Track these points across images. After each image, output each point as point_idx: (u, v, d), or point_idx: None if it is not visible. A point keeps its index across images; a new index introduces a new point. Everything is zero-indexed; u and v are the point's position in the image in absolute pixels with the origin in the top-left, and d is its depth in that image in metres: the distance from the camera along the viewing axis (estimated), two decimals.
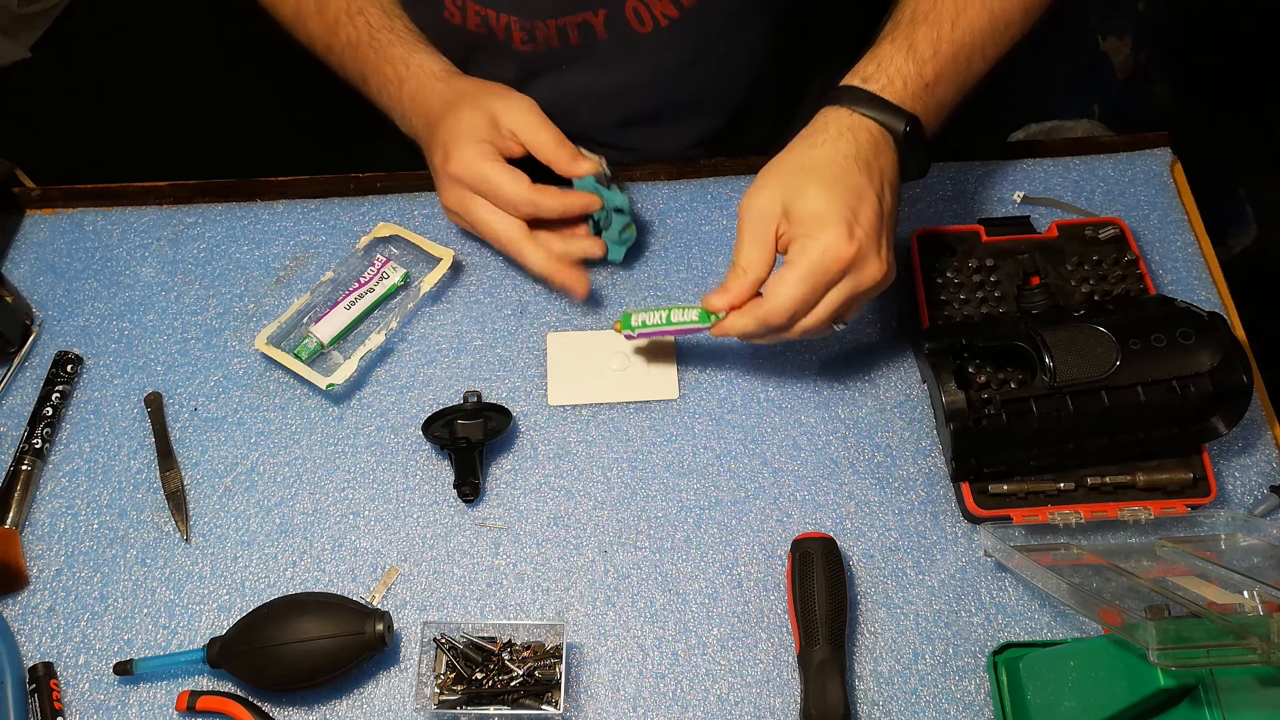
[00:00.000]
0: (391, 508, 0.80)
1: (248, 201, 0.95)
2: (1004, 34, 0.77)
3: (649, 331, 0.79)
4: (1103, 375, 0.72)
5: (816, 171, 0.70)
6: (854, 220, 0.69)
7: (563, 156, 0.82)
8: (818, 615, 0.71)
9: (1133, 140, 0.97)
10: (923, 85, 0.74)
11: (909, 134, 0.72)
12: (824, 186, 0.69)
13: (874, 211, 0.70)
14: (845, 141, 0.71)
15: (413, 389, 0.85)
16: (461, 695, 0.71)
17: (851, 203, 0.69)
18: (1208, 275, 0.89)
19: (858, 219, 0.69)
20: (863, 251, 0.69)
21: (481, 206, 0.83)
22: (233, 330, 0.88)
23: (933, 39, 0.74)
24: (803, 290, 0.70)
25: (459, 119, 0.82)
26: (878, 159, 0.71)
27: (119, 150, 1.83)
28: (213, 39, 2.11)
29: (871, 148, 0.71)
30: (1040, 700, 0.67)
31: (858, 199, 0.69)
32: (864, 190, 0.70)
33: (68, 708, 0.73)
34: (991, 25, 0.76)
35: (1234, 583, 0.64)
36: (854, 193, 0.69)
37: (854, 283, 0.71)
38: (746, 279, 0.72)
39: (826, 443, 0.82)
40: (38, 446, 0.81)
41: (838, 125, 0.72)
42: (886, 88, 0.73)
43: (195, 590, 0.77)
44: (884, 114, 0.72)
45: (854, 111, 0.72)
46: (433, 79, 0.85)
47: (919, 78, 0.73)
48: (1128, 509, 0.75)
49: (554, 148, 0.82)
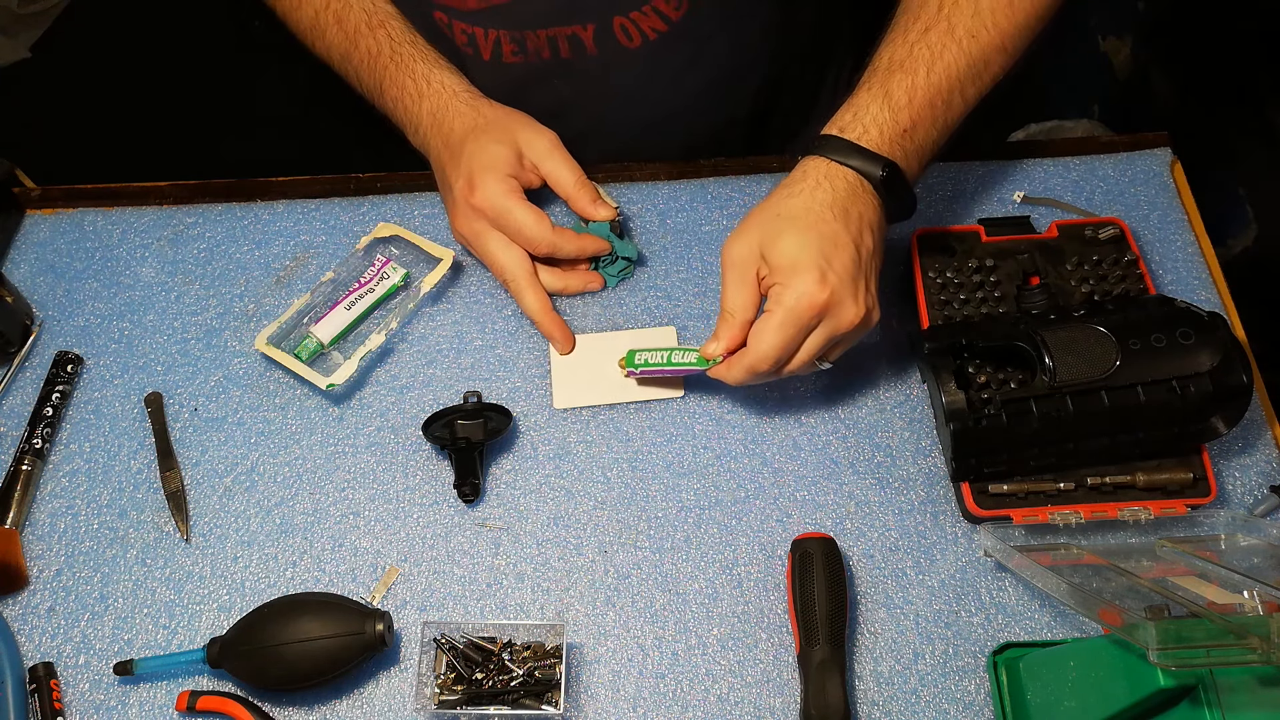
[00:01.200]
0: (391, 508, 0.80)
1: (248, 201, 0.95)
2: (983, 73, 0.78)
3: (650, 370, 0.81)
4: (1103, 375, 0.72)
5: (792, 220, 0.72)
6: (827, 266, 0.70)
7: (584, 197, 0.84)
8: (818, 615, 0.71)
9: (1133, 140, 0.97)
10: (900, 132, 0.75)
11: (886, 179, 0.74)
12: (798, 234, 0.71)
13: (850, 257, 0.71)
14: (822, 190, 0.73)
15: (413, 389, 0.85)
16: (461, 695, 0.71)
17: (825, 249, 0.71)
18: (1208, 275, 0.89)
19: (831, 265, 0.71)
20: (836, 296, 0.71)
21: (495, 239, 0.84)
22: (233, 330, 0.88)
23: (908, 86, 0.75)
24: (782, 337, 0.72)
25: (483, 148, 0.82)
26: (855, 205, 0.73)
27: (119, 150, 1.83)
28: (213, 39, 2.11)
29: (848, 194, 0.73)
30: (1040, 700, 0.67)
31: (832, 246, 0.71)
32: (839, 237, 0.71)
33: (68, 708, 0.73)
34: (969, 67, 0.76)
35: (1234, 583, 0.64)
36: (828, 240, 0.71)
37: (831, 326, 0.72)
38: (735, 321, 0.75)
39: (826, 443, 0.82)
40: (38, 446, 0.81)
41: (815, 174, 0.74)
42: (863, 136, 0.74)
43: (195, 590, 0.77)
44: (861, 161, 0.74)
45: (831, 160, 0.74)
46: (454, 98, 0.85)
47: (895, 125, 0.75)
48: (1128, 509, 0.75)
49: (576, 187, 0.84)
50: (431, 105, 0.85)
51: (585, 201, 0.84)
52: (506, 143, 0.83)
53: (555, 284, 0.87)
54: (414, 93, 0.85)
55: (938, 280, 0.84)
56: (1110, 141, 0.97)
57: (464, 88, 0.86)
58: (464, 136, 0.83)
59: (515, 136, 0.84)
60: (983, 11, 0.76)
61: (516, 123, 0.85)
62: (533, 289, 0.84)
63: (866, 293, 0.73)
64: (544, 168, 0.84)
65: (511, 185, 0.82)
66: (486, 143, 0.83)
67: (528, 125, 0.85)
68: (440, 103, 0.85)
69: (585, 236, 0.85)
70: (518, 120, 0.85)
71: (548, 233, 0.83)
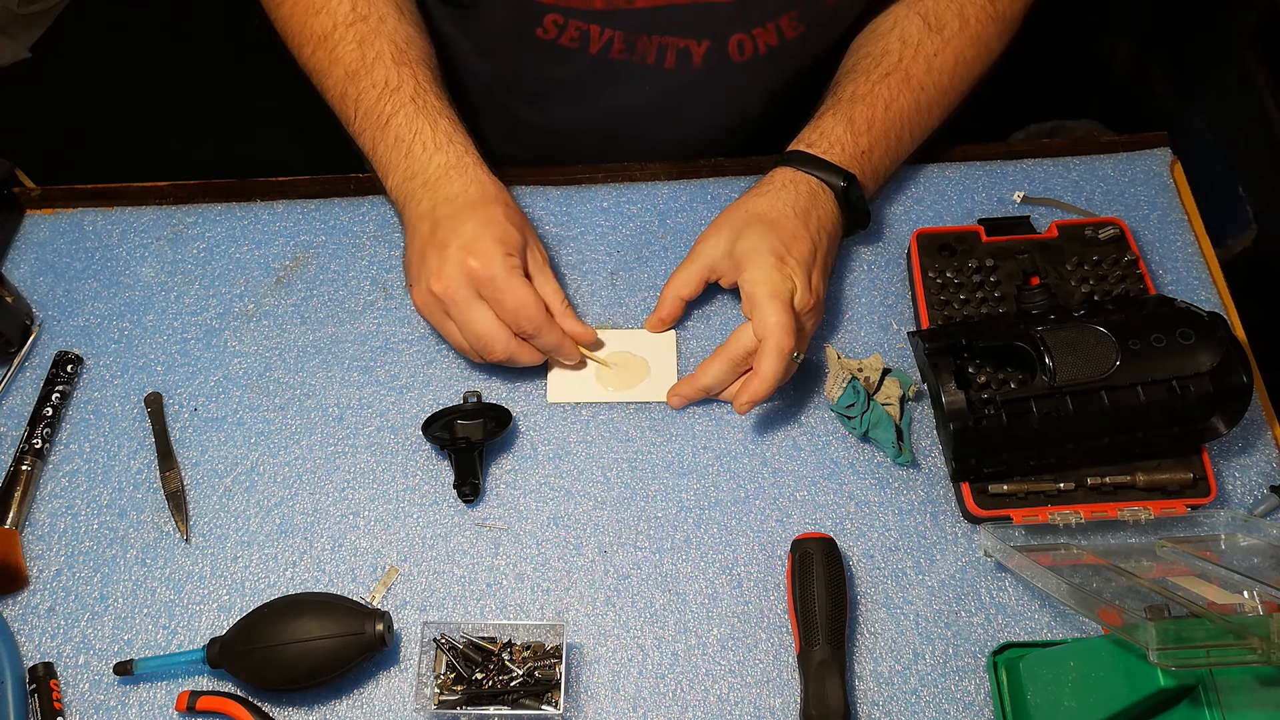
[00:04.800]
0: (391, 508, 0.80)
1: (248, 201, 0.95)
2: (928, 117, 0.90)
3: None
4: (1103, 375, 0.72)
5: (757, 216, 0.81)
6: (786, 253, 0.79)
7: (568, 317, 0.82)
8: (818, 615, 0.71)
9: (1133, 140, 0.97)
10: (859, 152, 0.85)
11: (846, 189, 0.83)
12: (762, 228, 0.80)
13: (807, 249, 0.80)
14: (787, 193, 0.83)
15: (413, 389, 0.85)
16: (461, 695, 0.71)
17: (785, 239, 0.80)
18: (1208, 275, 0.89)
19: (790, 251, 0.79)
20: (794, 279, 0.78)
21: (480, 308, 0.78)
22: (233, 330, 0.88)
23: (868, 117, 0.86)
24: (778, 306, 0.77)
25: (498, 222, 0.79)
26: (815, 209, 0.82)
27: (119, 150, 1.83)
28: (213, 39, 2.11)
29: (810, 199, 0.83)
30: (1040, 700, 0.67)
31: (791, 238, 0.80)
32: (798, 232, 0.81)
33: (68, 708, 0.73)
34: (917, 111, 0.88)
35: (1234, 583, 0.64)
36: (788, 233, 0.80)
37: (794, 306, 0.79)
38: (670, 296, 0.84)
39: (826, 443, 0.82)
40: (38, 446, 0.81)
41: (782, 180, 0.84)
42: (828, 151, 0.84)
43: (195, 590, 0.77)
44: (824, 172, 0.84)
45: (798, 170, 0.84)
46: (478, 165, 0.82)
47: (855, 146, 0.85)
48: (1128, 509, 0.75)
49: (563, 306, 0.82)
50: (445, 160, 0.81)
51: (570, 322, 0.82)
52: (519, 229, 0.81)
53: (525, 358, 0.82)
54: (430, 144, 0.81)
55: (938, 280, 0.84)
56: (1110, 141, 0.97)
57: (481, 158, 0.83)
58: (477, 203, 0.80)
59: (525, 231, 0.82)
60: (932, 71, 0.88)
61: (525, 220, 0.84)
62: (525, 351, 0.80)
63: (819, 282, 0.81)
64: (538, 278, 0.81)
65: (515, 263, 0.79)
66: (501, 219, 0.79)
67: (532, 229, 0.84)
68: (456, 160, 0.81)
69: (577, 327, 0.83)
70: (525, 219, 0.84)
71: (542, 316, 0.79)
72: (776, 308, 0.76)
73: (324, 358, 0.86)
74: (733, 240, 0.81)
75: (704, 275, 0.83)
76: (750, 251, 0.79)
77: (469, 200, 0.80)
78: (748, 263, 0.79)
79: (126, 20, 2.11)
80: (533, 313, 0.78)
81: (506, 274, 0.77)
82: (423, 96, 0.83)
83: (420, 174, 0.81)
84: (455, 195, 0.80)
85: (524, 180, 0.95)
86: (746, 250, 0.79)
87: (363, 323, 0.88)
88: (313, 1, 0.86)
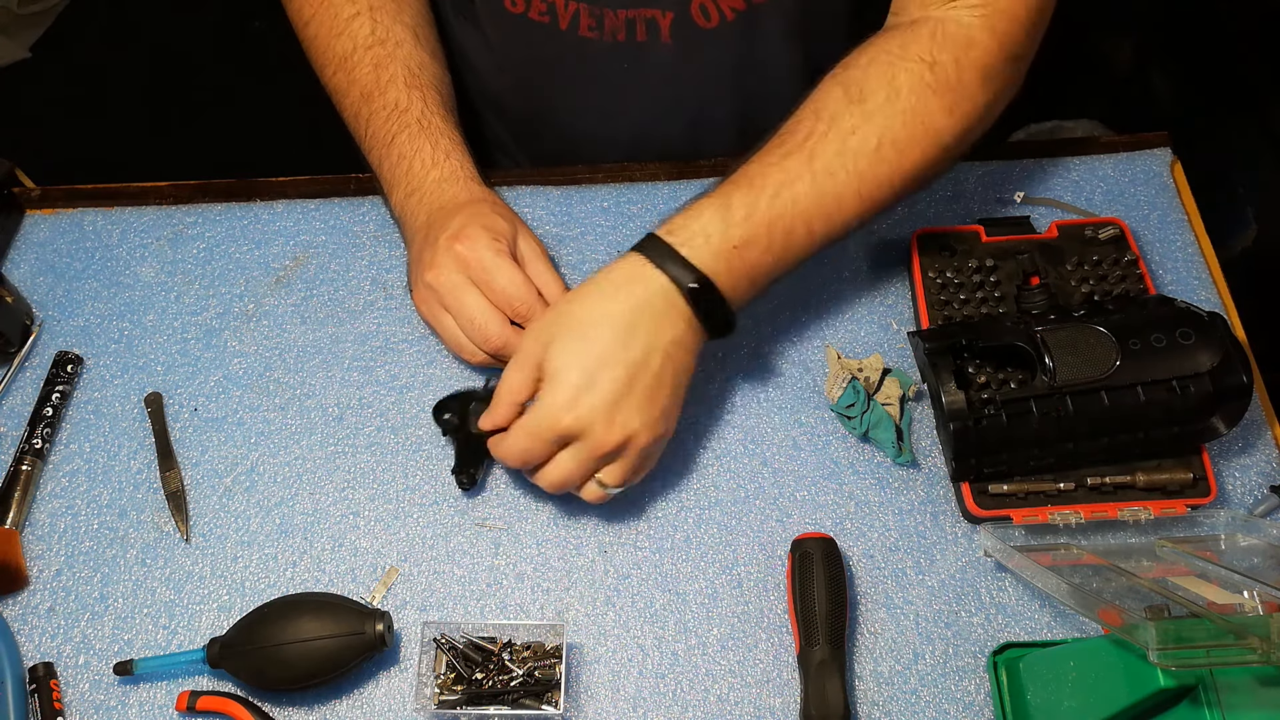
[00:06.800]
0: (391, 508, 0.80)
1: (248, 201, 0.95)
2: (835, 214, 0.74)
3: None
4: (1103, 375, 0.73)
5: (574, 324, 0.71)
6: (587, 386, 0.69)
7: (558, 298, 0.80)
8: (818, 615, 0.71)
9: (1133, 140, 0.97)
10: (729, 246, 0.72)
11: (695, 292, 0.71)
12: (573, 343, 0.70)
13: (617, 377, 0.69)
14: (622, 295, 0.71)
15: (413, 389, 0.85)
16: (461, 695, 0.71)
17: (590, 367, 0.69)
18: (1208, 275, 0.89)
19: (593, 384, 0.69)
20: (584, 421, 0.69)
21: (474, 295, 0.79)
22: (233, 330, 0.88)
23: (749, 203, 0.72)
24: (523, 443, 0.72)
25: (484, 213, 0.81)
26: (654, 319, 0.71)
27: (119, 150, 1.83)
28: (213, 39, 2.11)
29: (648, 305, 0.71)
30: (1040, 700, 0.67)
31: (599, 364, 0.69)
32: (612, 356, 0.70)
33: (68, 708, 0.73)
34: (819, 202, 0.73)
35: (1234, 583, 0.64)
36: (596, 358, 0.70)
37: (588, 448, 0.71)
38: (503, 402, 0.73)
39: (826, 443, 0.82)
40: (38, 446, 0.81)
41: (626, 274, 0.72)
42: (687, 243, 0.72)
43: (195, 590, 0.77)
44: (677, 269, 0.71)
45: (649, 263, 0.72)
46: (471, 179, 0.85)
47: (725, 238, 0.72)
48: (1128, 509, 0.75)
49: (556, 289, 0.81)
50: (440, 174, 0.84)
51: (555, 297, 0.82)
52: (508, 220, 0.82)
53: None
54: (429, 161, 0.84)
55: (938, 280, 0.84)
56: (1110, 141, 0.97)
57: (476, 173, 0.86)
58: (465, 204, 0.82)
59: (514, 224, 0.83)
60: (846, 153, 0.73)
61: (516, 216, 0.85)
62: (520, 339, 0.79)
63: (637, 414, 0.70)
64: (532, 267, 0.81)
65: (502, 247, 0.79)
66: (487, 211, 0.81)
67: (524, 225, 0.85)
68: (450, 173, 0.84)
69: None
70: (516, 216, 0.85)
71: (533, 296, 0.78)
72: (559, 458, 0.72)
73: (324, 358, 0.86)
74: (545, 346, 0.71)
75: (535, 375, 0.73)
76: (552, 372, 0.70)
77: (458, 203, 0.83)
78: (547, 384, 0.71)
79: (126, 20, 2.11)
80: (523, 292, 0.79)
81: (494, 255, 0.78)
82: (428, 118, 0.86)
83: (419, 190, 0.84)
84: (447, 202, 0.83)
85: (524, 180, 0.95)
86: (550, 368, 0.71)
87: (363, 323, 0.88)
88: (335, 24, 0.89)
